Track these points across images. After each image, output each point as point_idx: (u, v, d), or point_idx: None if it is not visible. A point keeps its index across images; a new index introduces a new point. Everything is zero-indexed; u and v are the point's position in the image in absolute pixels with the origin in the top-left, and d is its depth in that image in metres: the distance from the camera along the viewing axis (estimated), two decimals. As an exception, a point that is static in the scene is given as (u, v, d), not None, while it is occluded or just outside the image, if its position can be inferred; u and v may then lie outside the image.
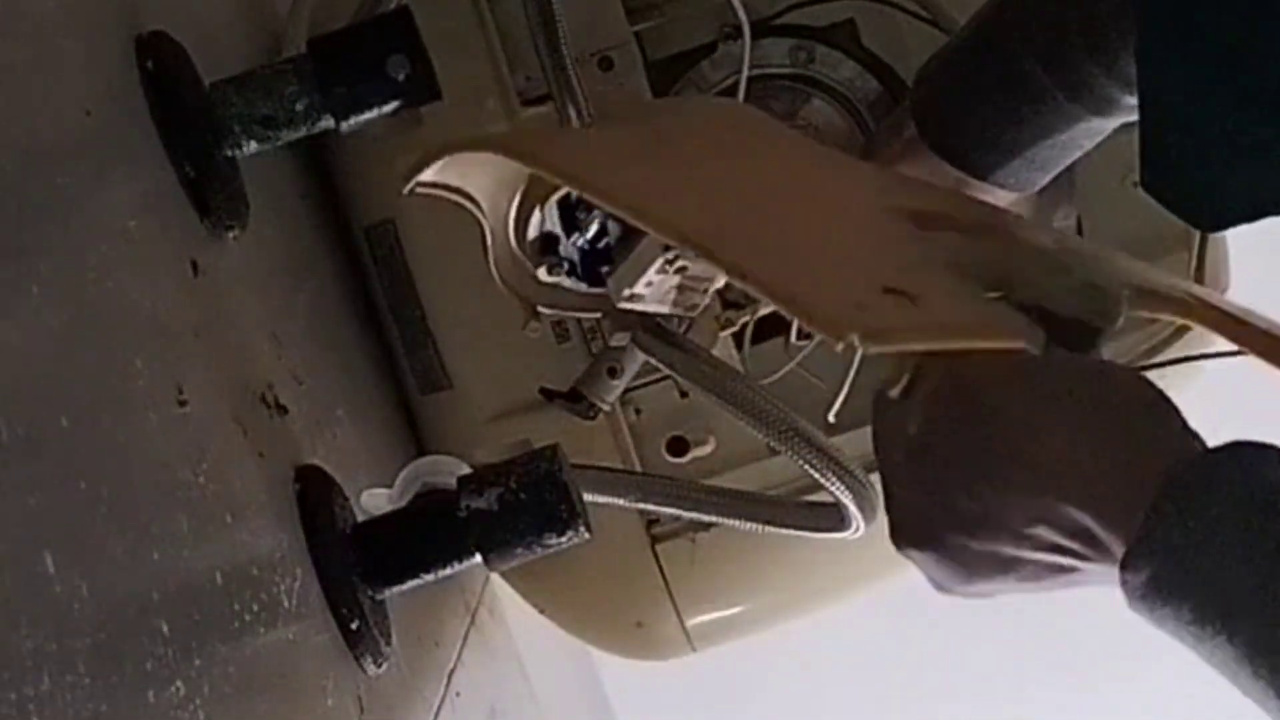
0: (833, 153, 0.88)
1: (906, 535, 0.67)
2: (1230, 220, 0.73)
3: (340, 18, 0.96)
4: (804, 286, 0.60)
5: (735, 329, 0.94)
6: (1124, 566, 0.58)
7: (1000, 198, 0.88)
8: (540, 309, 0.80)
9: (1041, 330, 0.64)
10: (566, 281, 0.78)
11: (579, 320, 1.01)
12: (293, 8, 1.02)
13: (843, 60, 1.01)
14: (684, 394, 1.02)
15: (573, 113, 0.90)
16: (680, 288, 0.79)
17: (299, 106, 0.73)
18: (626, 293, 0.76)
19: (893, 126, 0.90)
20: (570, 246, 0.78)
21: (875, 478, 0.78)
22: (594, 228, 0.77)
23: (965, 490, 0.63)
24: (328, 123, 0.74)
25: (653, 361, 0.81)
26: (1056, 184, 0.91)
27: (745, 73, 0.99)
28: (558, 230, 0.77)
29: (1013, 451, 0.62)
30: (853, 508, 0.77)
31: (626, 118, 0.89)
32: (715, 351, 0.92)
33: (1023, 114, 0.83)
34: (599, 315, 0.81)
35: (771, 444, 0.74)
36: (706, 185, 0.71)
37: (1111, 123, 0.83)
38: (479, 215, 0.78)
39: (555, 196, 0.77)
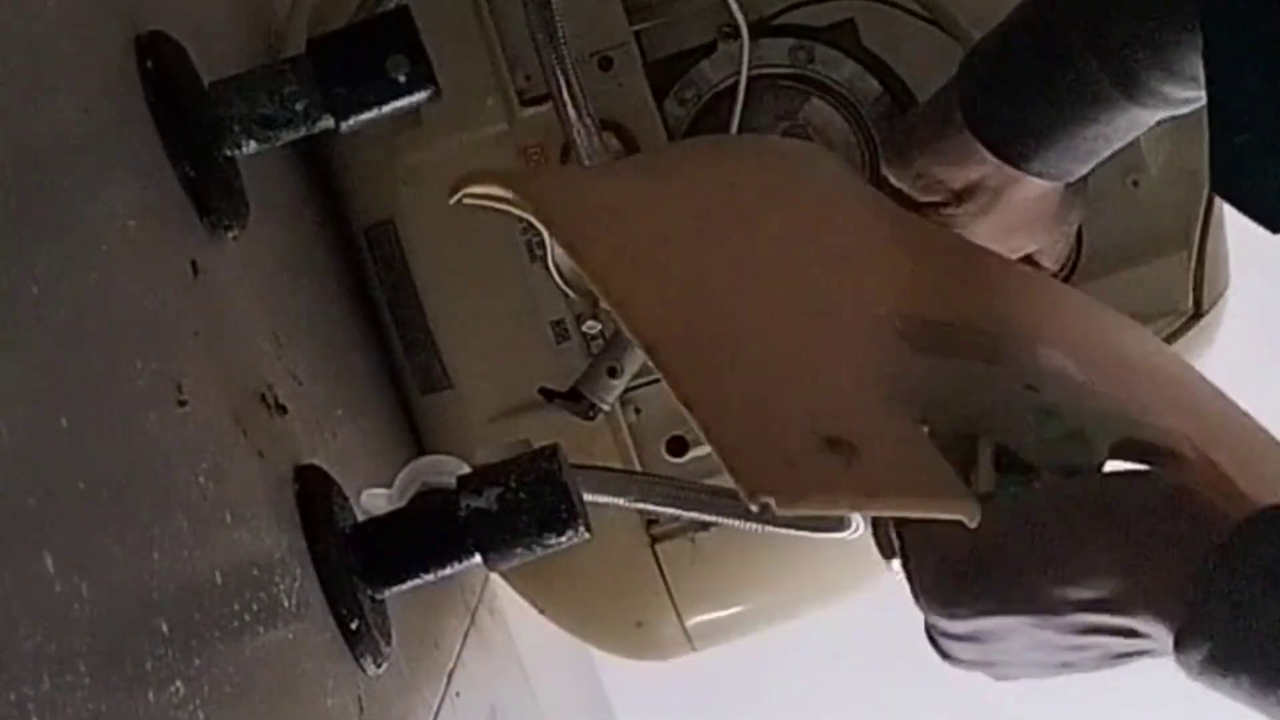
0: (870, 211, 0.86)
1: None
2: None
3: (340, 18, 0.96)
4: (739, 433, 0.58)
5: None
6: (1178, 649, 0.60)
7: (1034, 187, 0.88)
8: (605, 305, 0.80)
9: (977, 503, 0.63)
10: None
11: (579, 320, 1.01)
12: (292, 8, 1.02)
13: (843, 60, 1.01)
14: (684, 394, 1.02)
15: (572, 113, 0.90)
16: None
17: (299, 106, 0.73)
18: None
19: (936, 108, 0.90)
20: None
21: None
22: None
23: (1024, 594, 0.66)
24: (328, 123, 0.74)
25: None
26: (1073, 184, 0.91)
27: (745, 74, 0.99)
28: None
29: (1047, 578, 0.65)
30: (853, 508, 0.77)
31: (660, 163, 0.88)
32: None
33: (1066, 100, 0.83)
34: None
35: (771, 444, 0.74)
36: (694, 265, 0.69)
37: (1155, 115, 0.83)
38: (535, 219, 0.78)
39: None
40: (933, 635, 0.71)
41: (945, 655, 0.71)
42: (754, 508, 0.54)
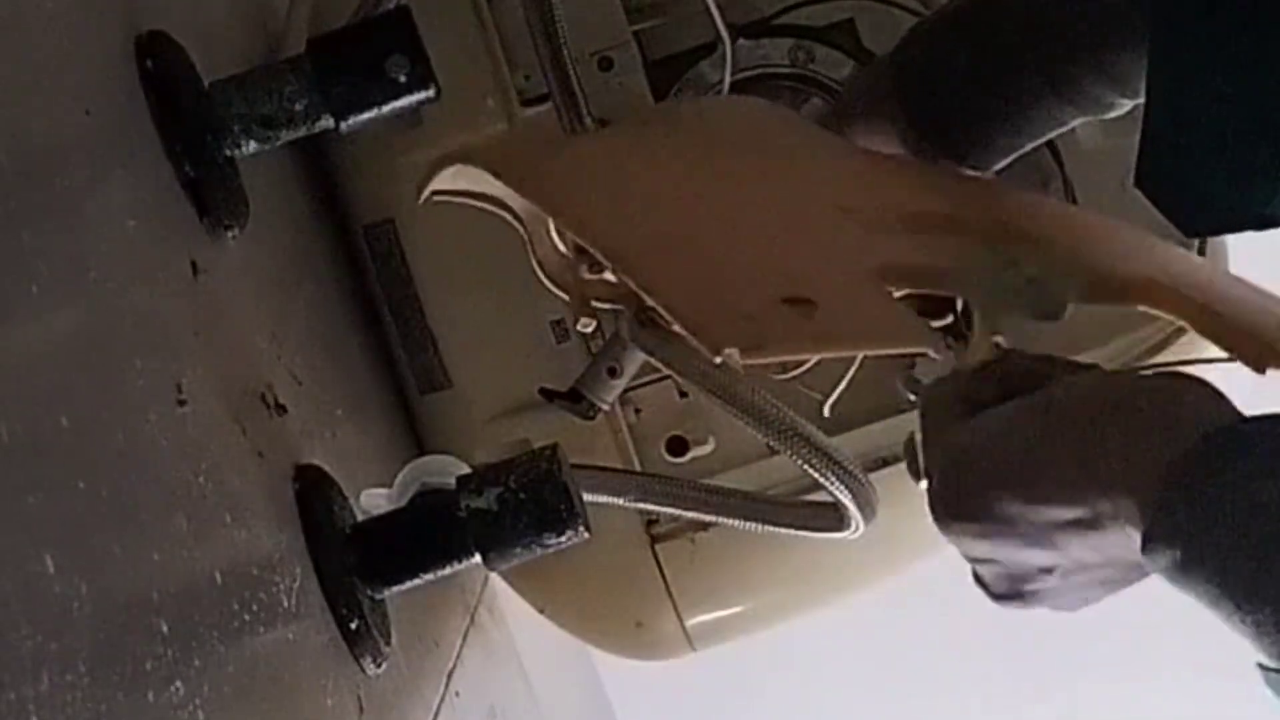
0: (824, 144, 0.88)
1: (952, 507, 0.68)
2: (1210, 228, 0.75)
3: (340, 18, 0.96)
4: (698, 302, 0.61)
5: None
6: (1145, 553, 0.60)
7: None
8: (594, 303, 0.81)
9: (939, 335, 0.65)
10: (610, 276, 0.79)
11: (577, 320, 1.01)
12: (292, 8, 1.02)
13: (843, 60, 1.01)
14: (684, 394, 1.02)
15: (572, 113, 0.90)
16: None
17: (298, 106, 0.73)
18: None
19: (868, 90, 0.90)
20: None
21: (875, 477, 0.78)
22: None
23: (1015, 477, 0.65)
24: (327, 123, 0.74)
25: (653, 361, 0.81)
26: (1036, 161, 0.92)
27: (728, 80, 0.99)
28: None
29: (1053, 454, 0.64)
30: (852, 508, 0.77)
31: (636, 122, 0.90)
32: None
33: (1009, 111, 0.84)
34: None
35: (771, 444, 0.74)
36: (658, 196, 0.72)
37: (1079, 117, 0.84)
38: (510, 219, 0.78)
39: None
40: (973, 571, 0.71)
41: (984, 588, 0.71)
42: (717, 360, 0.56)
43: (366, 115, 0.74)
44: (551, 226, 0.79)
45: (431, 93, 0.74)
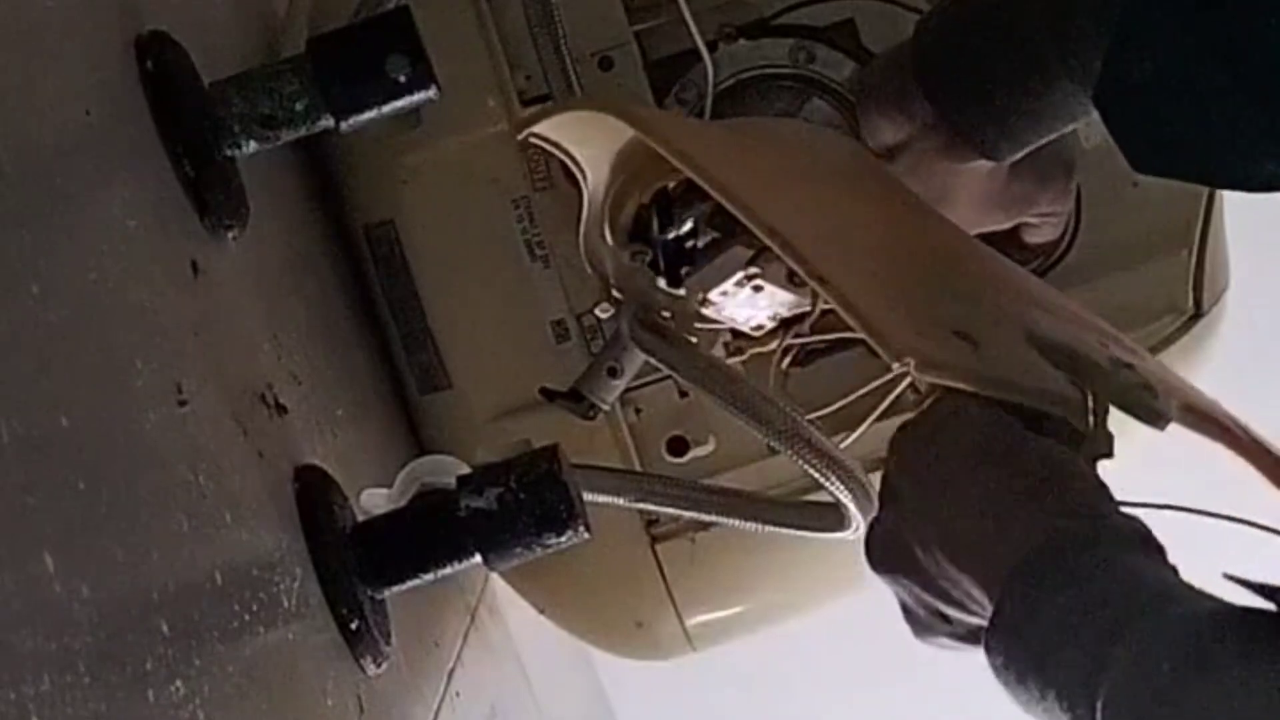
0: (922, 203, 0.89)
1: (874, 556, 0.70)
2: (1162, 169, 0.74)
3: (340, 18, 0.96)
4: (876, 305, 0.62)
5: (744, 359, 0.94)
6: (985, 648, 0.60)
7: (957, 157, 0.89)
8: (614, 291, 0.81)
9: (1089, 405, 0.65)
10: (645, 271, 0.79)
11: (579, 320, 1.01)
12: (292, 7, 1.02)
13: (843, 60, 1.01)
14: (684, 394, 1.02)
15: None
16: (752, 304, 0.82)
17: (299, 106, 0.73)
18: (702, 296, 0.78)
19: (894, 59, 0.90)
20: (658, 239, 0.79)
21: (875, 477, 0.78)
22: (686, 226, 0.79)
23: (916, 532, 0.66)
24: (328, 123, 0.74)
25: (653, 361, 0.81)
26: (1055, 157, 0.92)
27: (709, 94, 0.99)
28: (652, 220, 0.78)
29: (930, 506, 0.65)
30: (852, 507, 0.77)
31: (733, 125, 0.90)
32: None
33: (1011, 68, 0.84)
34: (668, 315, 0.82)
35: (771, 444, 0.74)
36: (803, 196, 0.73)
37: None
38: (581, 183, 0.78)
39: (658, 185, 0.77)
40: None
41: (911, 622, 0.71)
42: (895, 366, 0.58)
43: (366, 115, 0.74)
44: (607, 204, 0.79)
45: (431, 93, 0.74)
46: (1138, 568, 0.59)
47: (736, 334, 0.92)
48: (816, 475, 0.74)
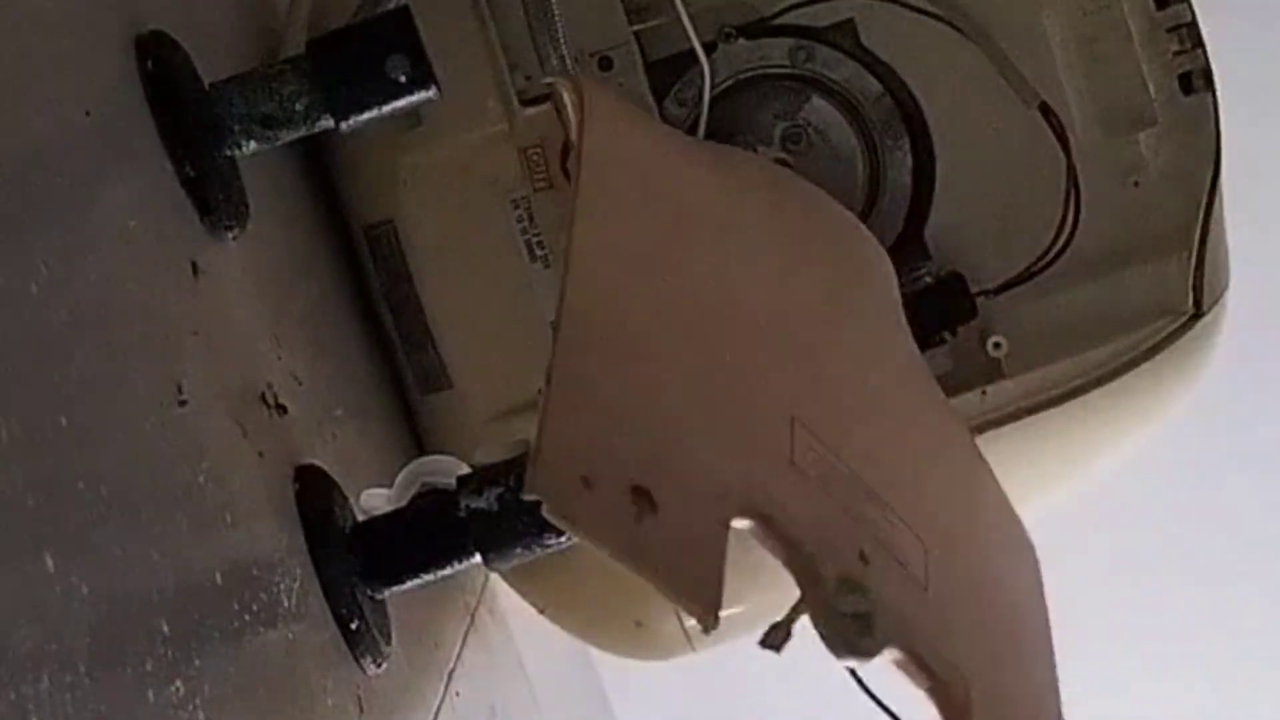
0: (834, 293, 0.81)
1: None
2: None
3: (340, 18, 0.96)
4: (566, 428, 0.54)
5: None
6: None
7: None
8: None
9: (716, 617, 0.60)
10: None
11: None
12: (292, 8, 1.02)
13: (843, 60, 1.01)
14: (683, 394, 1.02)
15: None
16: None
17: (299, 106, 0.73)
18: None
19: None
20: None
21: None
22: None
23: None
24: (328, 123, 0.74)
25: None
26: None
27: (706, 95, 0.99)
28: None
29: None
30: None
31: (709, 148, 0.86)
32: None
33: None
34: None
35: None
36: (672, 258, 0.67)
37: None
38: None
39: None
40: None
41: None
42: (525, 497, 0.51)
43: (366, 115, 0.74)
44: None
45: (431, 93, 0.74)
46: None
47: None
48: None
